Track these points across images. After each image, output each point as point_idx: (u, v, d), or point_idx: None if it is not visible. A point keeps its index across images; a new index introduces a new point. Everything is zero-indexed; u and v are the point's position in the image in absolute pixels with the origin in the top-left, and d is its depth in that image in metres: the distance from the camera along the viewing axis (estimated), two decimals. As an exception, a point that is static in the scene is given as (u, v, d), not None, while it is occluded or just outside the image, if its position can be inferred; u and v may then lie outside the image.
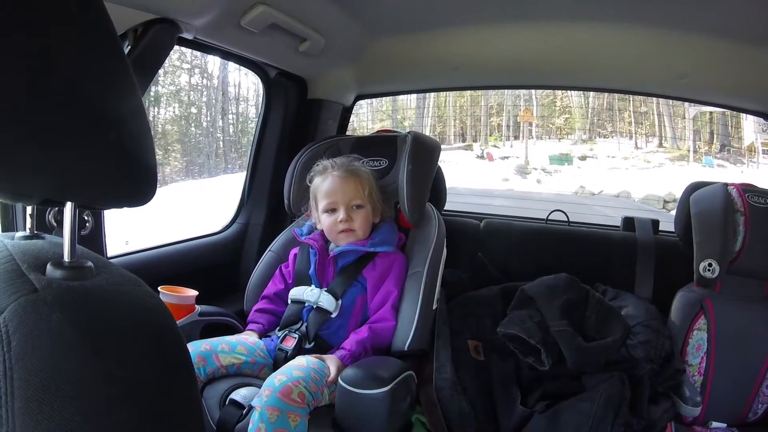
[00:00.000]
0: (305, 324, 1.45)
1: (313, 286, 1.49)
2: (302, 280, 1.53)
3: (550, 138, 16.63)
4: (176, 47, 1.40)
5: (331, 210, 1.52)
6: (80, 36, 0.49)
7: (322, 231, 1.56)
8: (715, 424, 1.53)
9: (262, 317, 1.53)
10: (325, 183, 1.54)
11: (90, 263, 0.54)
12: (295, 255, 1.59)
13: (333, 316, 1.45)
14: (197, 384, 0.56)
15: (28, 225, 0.68)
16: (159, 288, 1.39)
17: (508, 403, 1.47)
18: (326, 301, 1.45)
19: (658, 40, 1.73)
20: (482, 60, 2.02)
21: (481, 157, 16.10)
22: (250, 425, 1.14)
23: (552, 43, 1.85)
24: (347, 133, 2.33)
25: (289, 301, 1.51)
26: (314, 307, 1.46)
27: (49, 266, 0.53)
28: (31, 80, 0.46)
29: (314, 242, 1.54)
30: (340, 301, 1.46)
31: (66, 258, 0.54)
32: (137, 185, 0.55)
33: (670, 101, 12.27)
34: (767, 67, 1.73)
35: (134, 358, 0.50)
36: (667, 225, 1.98)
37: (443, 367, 1.47)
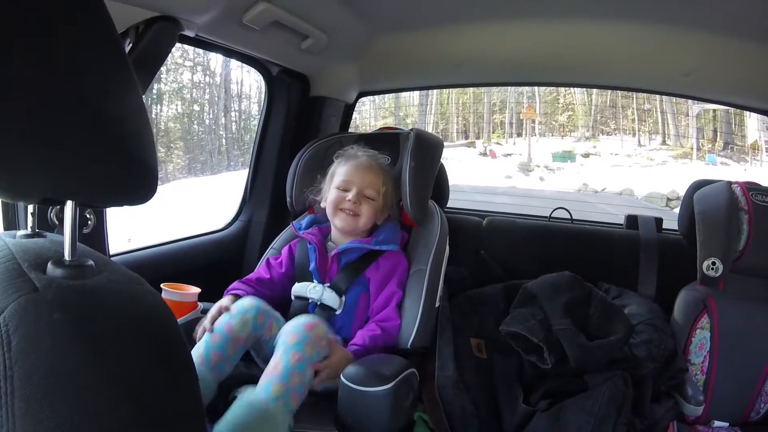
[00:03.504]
0: None
1: (315, 282, 1.49)
2: (304, 275, 1.52)
3: (553, 135, 16.59)
4: (178, 44, 1.40)
5: (345, 189, 1.51)
6: (80, 35, 0.49)
7: (319, 227, 1.56)
8: (717, 423, 1.52)
9: (246, 287, 1.49)
10: (350, 163, 1.54)
11: (91, 262, 0.54)
12: (290, 248, 1.58)
13: (337, 313, 1.45)
14: (198, 381, 0.56)
15: (30, 223, 0.68)
16: (162, 285, 1.39)
17: (510, 401, 1.46)
18: (330, 298, 1.45)
19: (662, 37, 1.72)
20: (485, 57, 2.01)
21: (484, 154, 16.07)
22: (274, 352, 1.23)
23: (556, 40, 1.84)
24: (350, 130, 2.33)
25: (293, 297, 1.51)
26: (318, 303, 1.46)
27: (49, 265, 0.53)
28: (31, 79, 0.46)
29: (312, 237, 1.53)
30: (343, 298, 1.46)
31: (67, 257, 0.54)
32: (138, 183, 0.55)
33: (674, 99, 12.24)
34: None
35: (135, 356, 0.50)
36: (671, 223, 1.97)
37: (446, 365, 1.47)
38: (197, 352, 1.27)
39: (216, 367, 1.26)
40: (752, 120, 13.20)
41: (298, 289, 1.50)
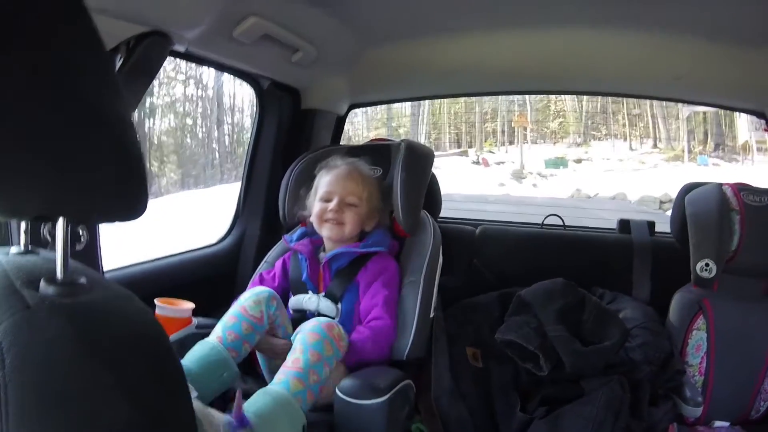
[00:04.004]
0: None
1: (310, 293, 1.49)
2: (298, 287, 1.52)
3: (545, 142, 16.73)
4: (169, 58, 1.41)
5: (327, 200, 1.52)
6: (68, 51, 0.49)
7: (311, 239, 1.56)
8: (718, 423, 1.53)
9: None
10: (329, 174, 1.55)
11: (83, 279, 0.54)
12: (283, 261, 1.59)
13: (335, 320, 1.45)
14: (190, 396, 0.56)
15: (23, 240, 0.68)
16: (156, 301, 1.39)
17: (507, 409, 1.46)
18: (326, 307, 1.45)
19: (651, 42, 1.74)
20: (476, 66, 2.02)
21: (477, 162, 16.17)
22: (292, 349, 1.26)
23: (545, 48, 1.85)
24: (342, 141, 2.34)
25: (291, 311, 1.51)
26: (316, 314, 1.46)
27: (42, 283, 0.53)
28: (20, 97, 0.46)
29: (303, 248, 1.54)
30: (339, 305, 1.46)
31: (59, 275, 0.54)
32: (128, 200, 0.55)
33: (664, 102, 12.36)
34: (760, 67, 1.74)
35: (128, 373, 0.50)
36: (664, 226, 1.98)
37: (442, 375, 1.47)
38: (215, 335, 1.32)
39: (232, 344, 1.30)
40: (742, 120, 13.37)
41: (295, 302, 1.50)
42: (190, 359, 1.26)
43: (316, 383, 1.22)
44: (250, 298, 1.37)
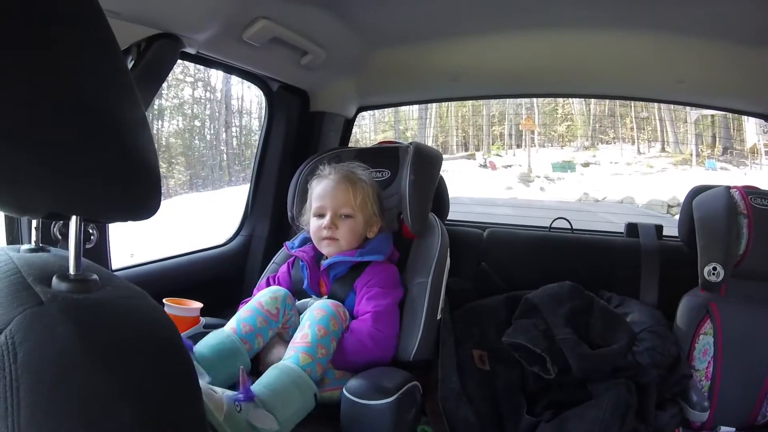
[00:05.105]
0: None
1: (314, 297, 1.48)
2: (301, 294, 1.51)
3: (552, 145, 16.64)
4: (179, 61, 1.42)
5: (320, 215, 1.50)
6: (83, 50, 0.50)
7: (313, 244, 1.54)
8: (723, 429, 1.51)
9: None
10: (319, 186, 1.52)
11: (95, 276, 0.55)
12: (288, 265, 1.58)
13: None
14: (201, 394, 0.56)
15: (33, 238, 0.69)
16: (164, 300, 1.39)
17: (514, 412, 1.46)
18: None
19: (656, 45, 1.74)
20: (482, 70, 2.03)
21: (484, 166, 16.12)
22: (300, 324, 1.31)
23: (551, 51, 1.86)
24: (350, 144, 2.34)
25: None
26: None
27: (54, 279, 0.53)
28: (36, 96, 0.47)
29: (304, 254, 1.52)
30: None
31: (71, 271, 0.54)
32: (141, 199, 0.55)
33: (672, 105, 12.29)
34: (765, 69, 1.73)
35: (139, 370, 0.50)
36: (672, 230, 1.97)
37: (448, 377, 1.46)
38: (229, 326, 1.32)
39: (246, 335, 1.30)
40: (750, 124, 13.27)
41: (300, 306, 1.49)
42: (204, 345, 1.26)
43: (324, 356, 1.26)
44: (267, 294, 1.37)
